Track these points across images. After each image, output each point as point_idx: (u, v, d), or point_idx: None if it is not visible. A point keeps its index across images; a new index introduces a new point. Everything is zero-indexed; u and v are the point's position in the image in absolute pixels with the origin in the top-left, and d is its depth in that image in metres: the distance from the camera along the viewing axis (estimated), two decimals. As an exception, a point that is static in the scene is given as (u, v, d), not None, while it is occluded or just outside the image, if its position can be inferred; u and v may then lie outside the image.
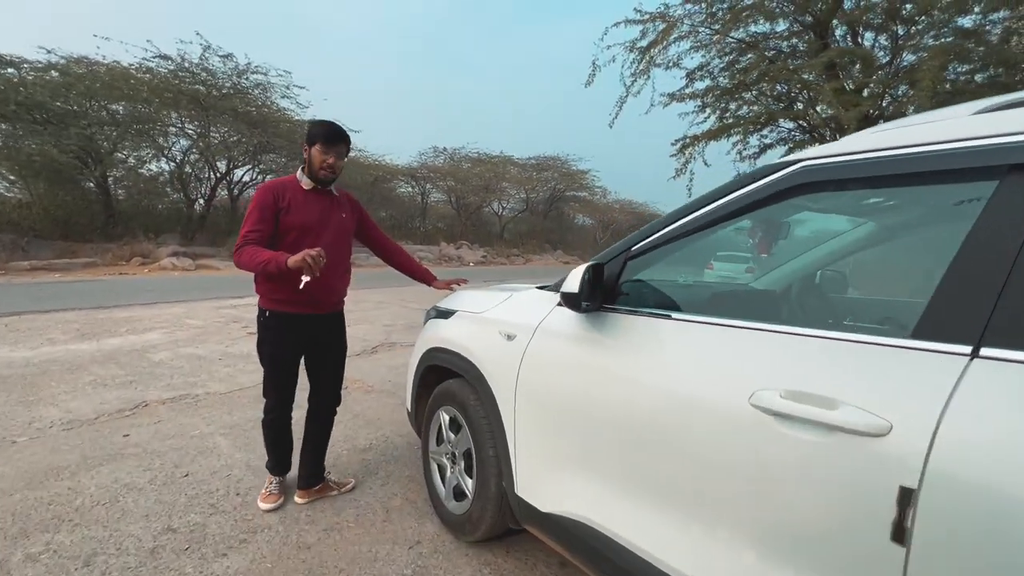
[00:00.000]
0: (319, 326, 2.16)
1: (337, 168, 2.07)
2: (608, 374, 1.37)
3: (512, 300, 1.88)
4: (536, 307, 1.72)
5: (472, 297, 2.14)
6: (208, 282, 10.01)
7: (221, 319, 6.19)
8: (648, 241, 1.41)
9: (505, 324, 1.78)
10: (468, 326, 1.98)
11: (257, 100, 16.21)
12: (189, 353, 4.55)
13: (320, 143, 2.02)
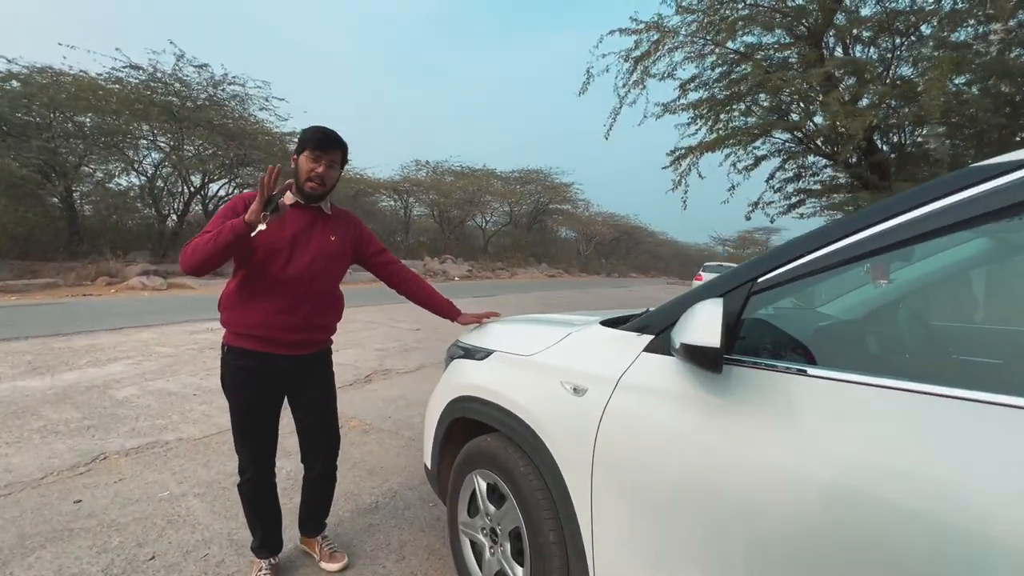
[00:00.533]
0: (294, 369, 1.75)
1: (328, 180, 1.70)
2: (740, 455, 0.99)
3: (572, 340, 1.50)
4: (611, 351, 1.35)
5: (513, 333, 1.76)
6: (181, 303, 9.37)
7: (195, 345, 5.65)
8: (788, 268, 1.06)
9: (569, 373, 1.39)
10: (513, 372, 1.59)
11: (234, 112, 15.63)
12: (158, 388, 4.03)
13: (310, 148, 1.65)
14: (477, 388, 1.69)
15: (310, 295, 1.72)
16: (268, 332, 1.67)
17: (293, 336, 1.71)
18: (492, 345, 1.73)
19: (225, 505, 2.31)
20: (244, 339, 1.69)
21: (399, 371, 5.00)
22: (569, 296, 16.19)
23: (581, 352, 1.44)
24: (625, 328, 1.39)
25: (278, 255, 1.66)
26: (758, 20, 7.75)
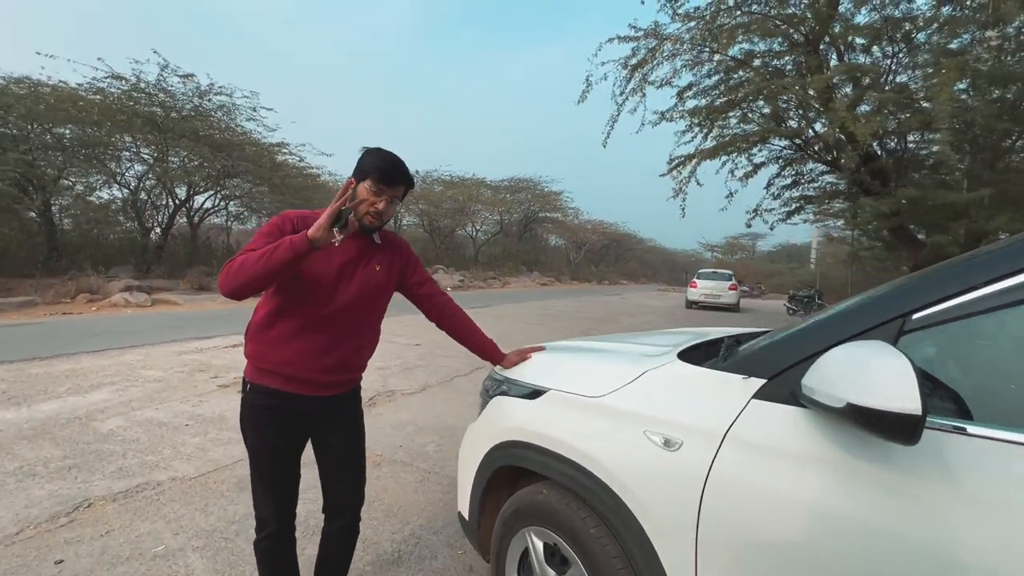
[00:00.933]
0: (323, 411, 1.54)
1: (386, 216, 1.50)
2: (950, 551, 0.78)
3: (651, 380, 1.28)
4: (707, 396, 1.14)
5: (570, 368, 1.54)
6: (167, 321, 8.98)
7: (185, 368, 5.33)
8: (958, 304, 0.86)
9: (656, 421, 1.18)
10: (578, 416, 1.37)
11: (220, 123, 15.27)
12: (147, 418, 3.73)
13: (372, 180, 1.44)
14: (530, 433, 1.47)
15: (351, 333, 1.52)
16: (300, 371, 1.46)
17: (327, 377, 1.50)
18: (546, 382, 1.51)
19: (230, 561, 2.05)
20: (270, 376, 1.47)
21: (404, 392, 4.75)
22: (567, 305, 16.02)
23: (666, 395, 1.23)
24: (719, 367, 1.19)
25: (322, 287, 1.46)
26: (758, 27, 7.71)
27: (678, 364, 1.29)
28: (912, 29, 7.65)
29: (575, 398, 1.40)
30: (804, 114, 8.53)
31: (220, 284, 1.35)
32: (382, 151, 1.48)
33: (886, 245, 12.13)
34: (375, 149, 1.49)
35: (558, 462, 1.36)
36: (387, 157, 1.46)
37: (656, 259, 62.78)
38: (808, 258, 49.05)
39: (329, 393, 1.53)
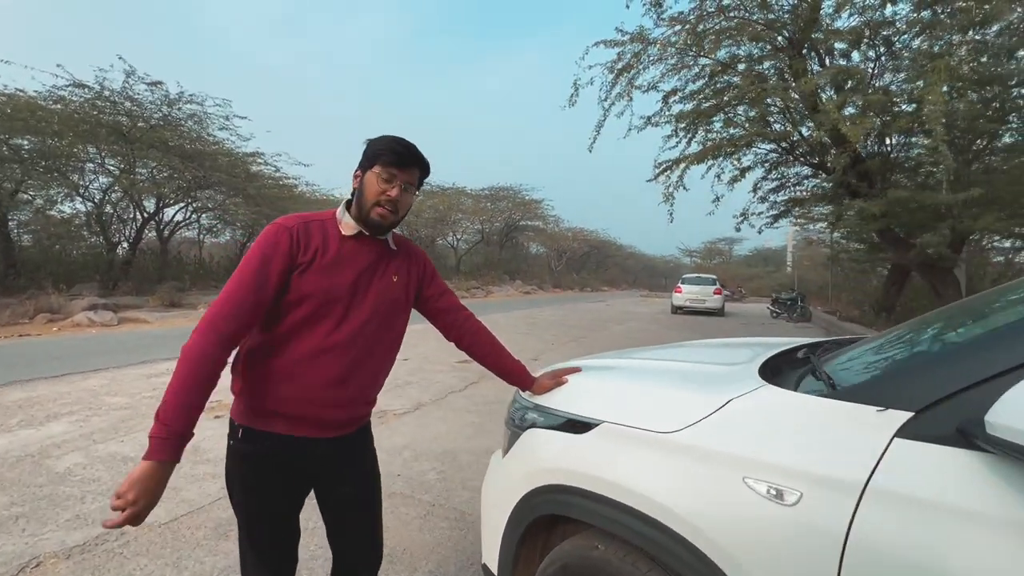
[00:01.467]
0: (332, 456, 1.26)
1: (401, 206, 1.24)
2: None
3: (742, 411, 1.04)
4: (829, 433, 0.90)
5: (622, 392, 1.29)
6: (135, 340, 8.44)
7: (155, 392, 4.91)
8: None
9: (757, 465, 0.94)
10: (643, 456, 1.12)
11: (191, 132, 14.71)
12: (110, 453, 3.34)
13: (381, 164, 1.20)
14: (580, 476, 1.21)
15: (367, 359, 1.25)
16: (307, 409, 1.19)
17: (339, 414, 1.23)
18: (596, 413, 1.26)
19: (207, 631, 1.73)
20: (268, 418, 1.19)
21: (396, 412, 4.43)
22: (553, 314, 15.81)
23: (767, 431, 0.98)
24: (834, 394, 0.95)
25: (332, 309, 1.20)
26: (745, 31, 7.69)
27: (771, 390, 1.05)
28: (894, 33, 7.74)
29: (639, 433, 1.14)
30: (790, 117, 8.54)
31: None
32: (391, 136, 1.24)
33: (871, 246, 12.29)
34: (384, 136, 1.24)
35: (619, 512, 1.10)
36: (396, 139, 1.23)
37: (636, 265, 63.35)
38: (784, 261, 50.10)
39: (340, 433, 1.26)
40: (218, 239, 21.69)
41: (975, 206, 7.08)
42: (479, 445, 3.63)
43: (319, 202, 22.45)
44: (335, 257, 1.20)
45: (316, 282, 1.17)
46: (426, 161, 1.28)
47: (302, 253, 1.18)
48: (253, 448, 1.20)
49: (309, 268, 1.17)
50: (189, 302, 13.39)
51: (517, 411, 1.54)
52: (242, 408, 1.22)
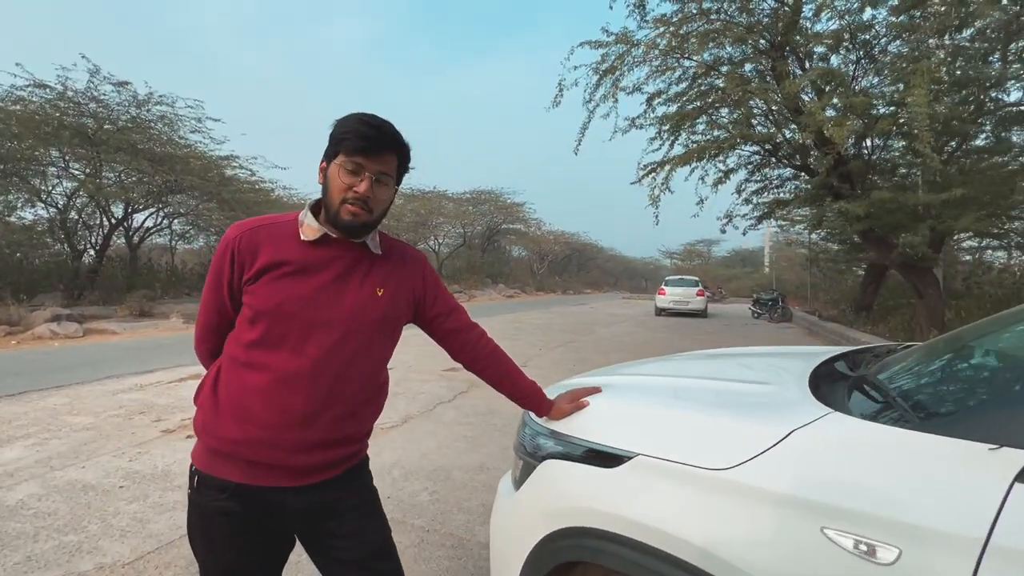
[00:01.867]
0: (311, 506, 1.04)
1: (375, 203, 1.02)
2: None
3: (808, 445, 0.89)
4: (927, 475, 0.76)
5: (657, 419, 1.13)
6: (102, 353, 8.00)
7: (121, 410, 4.59)
8: None
9: (836, 513, 0.79)
10: (691, 496, 0.96)
11: (161, 134, 14.17)
12: (69, 481, 3.05)
13: (345, 152, 0.98)
14: (612, 518, 1.04)
15: (340, 392, 1.03)
16: (266, 452, 0.98)
17: (307, 458, 1.02)
18: (629, 443, 1.09)
19: None
20: (224, 462, 0.99)
21: (382, 426, 4.20)
22: (539, 317, 15.68)
23: (841, 470, 0.84)
24: (925, 426, 0.81)
25: (288, 329, 0.99)
26: (728, 34, 7.69)
27: (840, 419, 0.91)
28: (873, 37, 7.84)
29: (683, 470, 0.99)
30: (773, 119, 8.58)
31: None
32: (357, 115, 1.01)
33: (851, 247, 12.47)
34: (350, 115, 1.02)
35: (666, 564, 0.95)
36: (364, 117, 1.00)
37: (617, 267, 63.80)
38: (761, 262, 50.99)
39: (313, 480, 1.04)
40: (191, 245, 21.01)
41: (955, 207, 7.19)
42: (472, 461, 3.45)
43: (297, 206, 21.98)
44: (293, 266, 1.00)
45: (266, 296, 0.98)
46: (404, 144, 1.04)
47: (248, 264, 1.00)
48: (211, 499, 1.00)
49: (258, 280, 0.99)
50: (161, 311, 12.86)
51: (529, 437, 1.37)
52: (200, 448, 1.03)
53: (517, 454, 1.42)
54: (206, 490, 0.99)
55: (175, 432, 3.95)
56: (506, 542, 1.32)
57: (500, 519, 1.39)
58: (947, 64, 7.22)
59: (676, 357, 1.93)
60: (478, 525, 2.57)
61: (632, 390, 1.35)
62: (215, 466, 0.99)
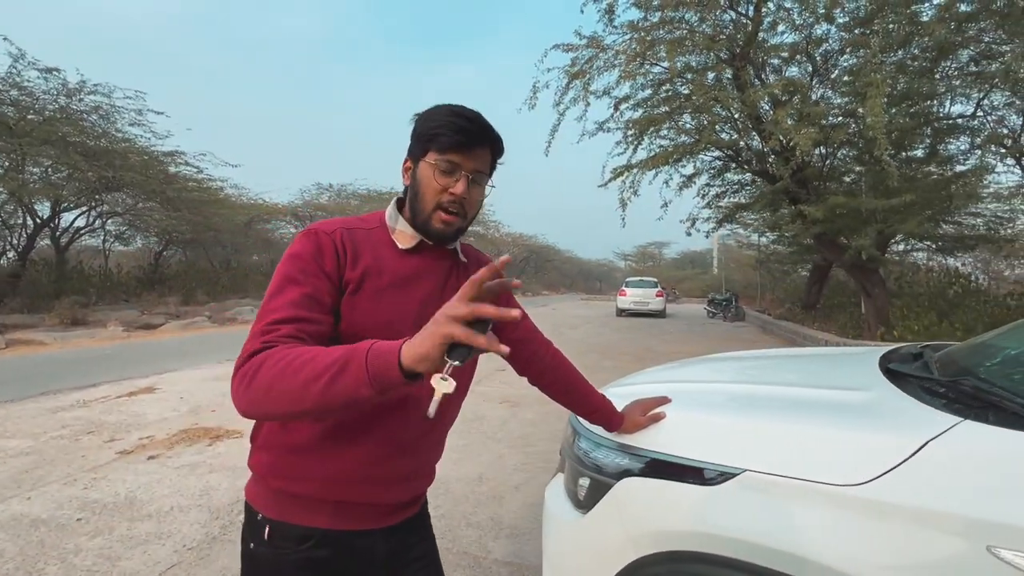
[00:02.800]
0: (391, 550, 0.92)
1: (470, 205, 0.90)
2: None
3: (949, 457, 0.84)
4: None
5: (759, 430, 1.05)
6: (32, 367, 7.21)
7: (64, 431, 4.12)
8: None
9: (1001, 531, 0.74)
10: (821, 516, 0.89)
11: (96, 127, 13.06)
12: (13, 516, 2.67)
13: (438, 150, 0.85)
14: (724, 541, 0.97)
15: (437, 415, 0.90)
16: (359, 491, 0.85)
17: (400, 493, 0.90)
18: (735, 459, 1.02)
19: None
20: (308, 507, 0.84)
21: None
22: (501, 320, 15.55)
23: (996, 483, 0.79)
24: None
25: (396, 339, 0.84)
26: (693, 42, 7.91)
27: (978, 428, 0.87)
28: (826, 52, 8.28)
29: (805, 486, 0.92)
30: (735, 126, 8.91)
31: (235, 394, 0.70)
32: (447, 107, 0.89)
33: (802, 248, 13.16)
34: (437, 107, 0.89)
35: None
36: (457, 109, 0.88)
37: (573, 269, 64.77)
38: (710, 263, 53.13)
39: (399, 519, 0.92)
40: (128, 247, 19.47)
41: (900, 211, 7.69)
42: (470, 472, 3.31)
43: (249, 207, 20.87)
44: (394, 278, 0.87)
45: (372, 312, 0.83)
46: (498, 136, 0.92)
47: (350, 267, 0.84)
48: (291, 552, 0.83)
49: (360, 291, 0.84)
50: (96, 319, 11.83)
51: (593, 453, 1.27)
52: (266, 493, 0.86)
53: (577, 471, 1.32)
54: (283, 541, 0.83)
55: (134, 453, 3.57)
56: (577, 570, 1.22)
57: (563, 545, 1.28)
58: (893, 77, 7.73)
59: (712, 359, 1.89)
60: (491, 540, 2.44)
61: (711, 399, 1.28)
62: (294, 513, 0.83)
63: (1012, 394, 0.94)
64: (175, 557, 2.25)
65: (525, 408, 4.87)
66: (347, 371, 0.63)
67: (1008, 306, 9.50)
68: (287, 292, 0.77)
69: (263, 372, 0.67)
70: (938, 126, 8.67)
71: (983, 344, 1.39)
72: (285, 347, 0.70)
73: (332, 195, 28.40)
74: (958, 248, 11.36)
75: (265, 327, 0.73)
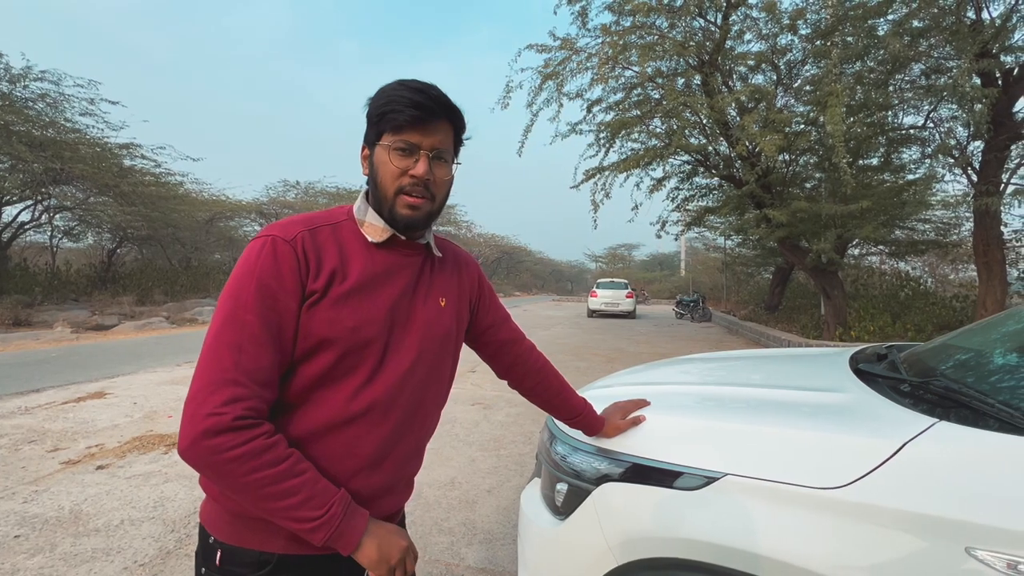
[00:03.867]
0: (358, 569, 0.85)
1: (437, 187, 0.84)
2: None
3: (928, 458, 0.84)
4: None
5: (738, 434, 1.04)
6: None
7: (2, 440, 3.83)
8: None
9: (980, 532, 0.75)
10: (802, 520, 0.88)
11: (43, 116, 12.31)
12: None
13: (393, 130, 0.79)
14: (704, 547, 0.95)
15: (411, 423, 0.86)
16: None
17: (373, 509, 0.82)
18: (715, 463, 1.00)
19: None
20: (260, 529, 0.76)
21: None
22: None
23: (975, 485, 0.80)
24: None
25: (363, 356, 0.79)
26: (663, 47, 8.04)
27: (954, 429, 0.87)
28: (790, 62, 8.56)
29: (786, 489, 0.91)
30: (704, 131, 9.11)
31: (194, 449, 0.68)
32: (401, 82, 0.81)
33: (766, 251, 13.58)
34: (392, 84, 0.82)
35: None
36: (407, 83, 0.81)
37: (545, 270, 65.13)
38: (678, 265, 54.37)
39: None
40: (78, 244, 18.45)
41: (857, 217, 8.02)
42: (441, 476, 3.24)
43: (211, 203, 20.09)
44: (362, 278, 0.80)
45: (337, 319, 0.77)
46: (458, 109, 0.84)
47: (313, 277, 0.76)
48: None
49: (323, 299, 0.77)
50: (42, 320, 11.17)
51: (570, 458, 1.24)
52: (220, 514, 0.78)
53: (554, 476, 1.28)
54: (235, 567, 0.76)
55: (81, 463, 3.35)
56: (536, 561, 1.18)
57: (542, 553, 1.25)
58: (852, 88, 8.06)
59: (685, 360, 1.89)
60: (464, 546, 2.39)
61: (689, 402, 1.27)
62: (248, 537, 0.76)
63: (982, 394, 0.95)
64: (125, 575, 2.11)
65: (496, 410, 4.83)
66: (313, 534, 0.71)
67: (954, 308, 10.04)
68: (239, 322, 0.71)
69: (247, 468, 0.67)
70: (892, 136, 9.08)
71: (946, 345, 1.43)
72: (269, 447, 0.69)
73: (299, 193, 27.68)
74: (910, 252, 11.94)
75: (222, 377, 0.69)
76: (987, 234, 7.62)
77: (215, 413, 0.66)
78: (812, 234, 8.82)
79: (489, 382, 5.87)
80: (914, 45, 6.93)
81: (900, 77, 8.25)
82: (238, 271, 0.74)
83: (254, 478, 0.67)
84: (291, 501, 0.69)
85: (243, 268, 0.74)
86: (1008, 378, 1.06)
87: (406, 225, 0.83)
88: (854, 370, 1.35)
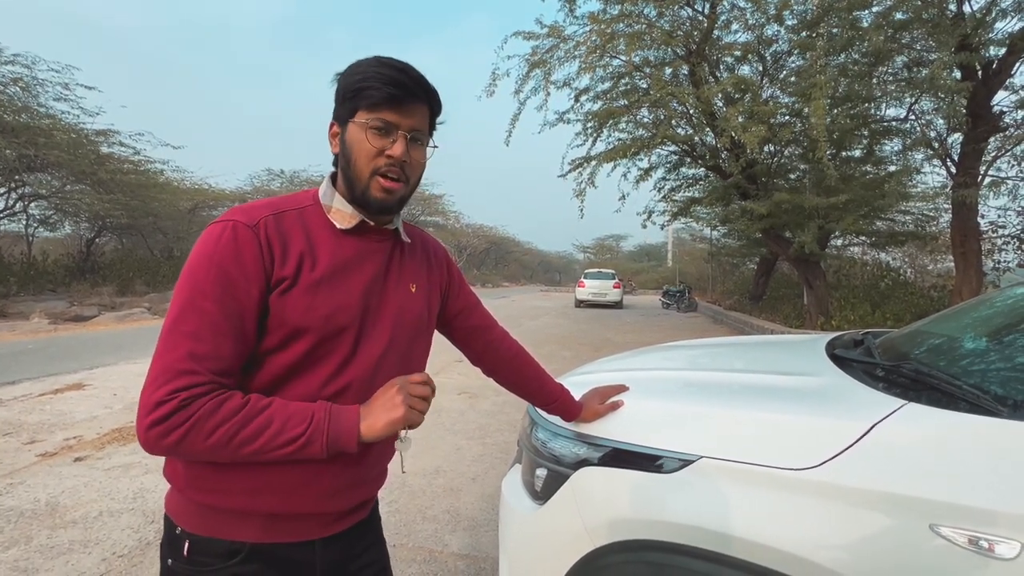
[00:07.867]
0: (337, 558, 0.85)
1: (412, 169, 0.82)
2: None
3: (897, 439, 0.86)
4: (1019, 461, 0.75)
5: (713, 418, 1.05)
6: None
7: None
8: None
9: (943, 509, 0.77)
10: (773, 501, 0.90)
11: (15, 100, 11.92)
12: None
13: (368, 107, 0.77)
14: (679, 528, 0.97)
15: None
16: (296, 502, 0.77)
17: (345, 500, 0.82)
18: (690, 446, 1.01)
19: None
20: (232, 519, 0.75)
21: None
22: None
23: (939, 465, 0.82)
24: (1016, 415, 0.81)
25: (336, 344, 0.78)
26: (651, 37, 8.01)
27: (922, 410, 0.89)
28: (776, 53, 8.59)
29: (758, 471, 0.92)
30: (691, 122, 9.13)
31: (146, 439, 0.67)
32: (376, 59, 0.79)
33: (750, 243, 13.72)
34: (366, 60, 0.79)
35: (747, 574, 0.88)
36: (384, 60, 0.78)
37: (533, 261, 65.20)
38: (664, 256, 54.74)
39: (345, 526, 0.85)
40: (55, 233, 17.99)
41: (839, 208, 8.13)
42: (426, 464, 3.25)
43: (193, 192, 19.68)
44: (333, 264, 0.78)
45: (309, 307, 0.75)
46: (435, 91, 0.82)
47: (280, 264, 0.74)
48: (211, 567, 0.75)
49: (293, 287, 0.75)
50: (17, 311, 10.90)
51: (550, 443, 1.25)
52: (187, 506, 0.77)
53: (534, 462, 1.29)
54: (205, 557, 0.75)
55: (57, 455, 3.29)
56: (534, 562, 1.19)
57: (521, 538, 1.26)
58: (836, 80, 8.13)
59: (667, 347, 1.90)
60: (448, 534, 2.40)
61: (668, 387, 1.28)
62: (218, 526, 0.75)
63: (949, 376, 0.97)
64: (103, 566, 2.08)
65: (483, 399, 4.84)
66: (309, 448, 0.70)
67: (932, 297, 10.27)
68: (198, 310, 0.69)
69: (195, 423, 0.65)
70: (874, 128, 9.18)
71: (919, 331, 1.46)
72: (222, 403, 0.68)
73: (284, 181, 27.25)
74: (890, 244, 12.15)
75: (178, 361, 0.67)
76: (964, 225, 7.77)
77: (163, 400, 0.65)
78: (795, 225, 8.92)
79: (475, 371, 5.87)
80: (896, 38, 7.00)
81: (883, 70, 8.33)
82: (196, 256, 0.72)
83: (218, 435, 0.66)
84: (269, 432, 0.68)
85: (201, 253, 0.72)
86: (977, 361, 1.08)
87: (379, 209, 0.81)
88: (830, 355, 1.37)
